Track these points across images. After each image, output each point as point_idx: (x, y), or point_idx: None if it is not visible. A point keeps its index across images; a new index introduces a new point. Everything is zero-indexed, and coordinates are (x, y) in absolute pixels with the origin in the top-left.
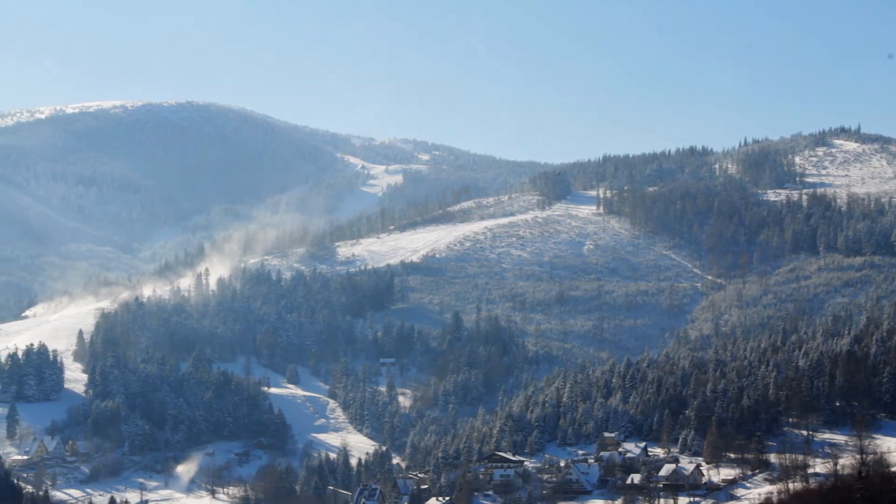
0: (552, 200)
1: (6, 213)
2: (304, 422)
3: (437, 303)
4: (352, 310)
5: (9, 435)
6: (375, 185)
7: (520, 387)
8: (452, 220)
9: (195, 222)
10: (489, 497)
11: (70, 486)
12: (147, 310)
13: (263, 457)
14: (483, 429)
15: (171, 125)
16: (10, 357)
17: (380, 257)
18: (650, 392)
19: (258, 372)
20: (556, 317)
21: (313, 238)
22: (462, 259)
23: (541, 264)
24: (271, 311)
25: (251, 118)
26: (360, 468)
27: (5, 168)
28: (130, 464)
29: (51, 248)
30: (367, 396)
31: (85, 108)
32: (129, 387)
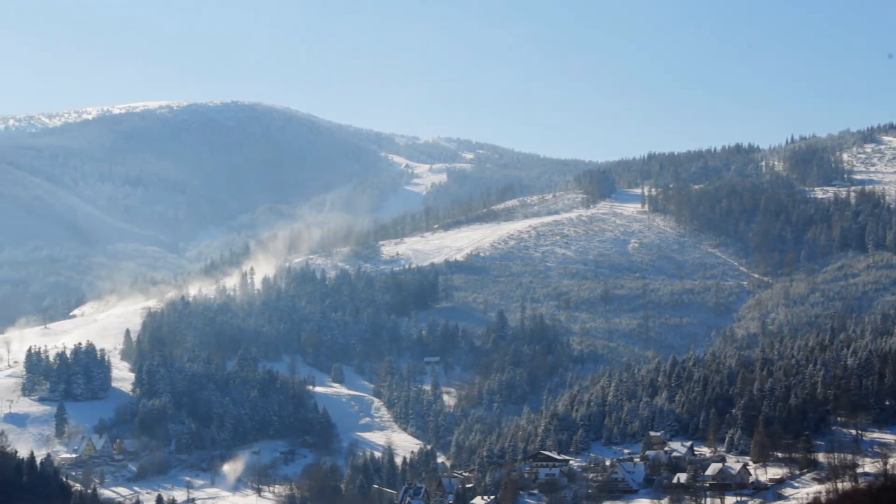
0: (597, 198)
1: (54, 214)
2: (349, 421)
3: (481, 301)
4: (396, 309)
5: (57, 433)
6: (419, 184)
7: (565, 386)
8: (497, 219)
9: (240, 222)
10: (534, 496)
11: (118, 485)
12: (193, 309)
13: (309, 455)
14: (528, 428)
15: (216, 125)
16: (59, 356)
17: (424, 256)
18: (696, 391)
19: (303, 371)
20: (601, 315)
21: (358, 237)
22: (506, 258)
23: (585, 263)
24: (316, 310)
25: (296, 118)
26: (405, 467)
27: (53, 168)
28: (177, 462)
29: (98, 247)
30: (412, 395)
31: (131, 108)
32: (176, 386)
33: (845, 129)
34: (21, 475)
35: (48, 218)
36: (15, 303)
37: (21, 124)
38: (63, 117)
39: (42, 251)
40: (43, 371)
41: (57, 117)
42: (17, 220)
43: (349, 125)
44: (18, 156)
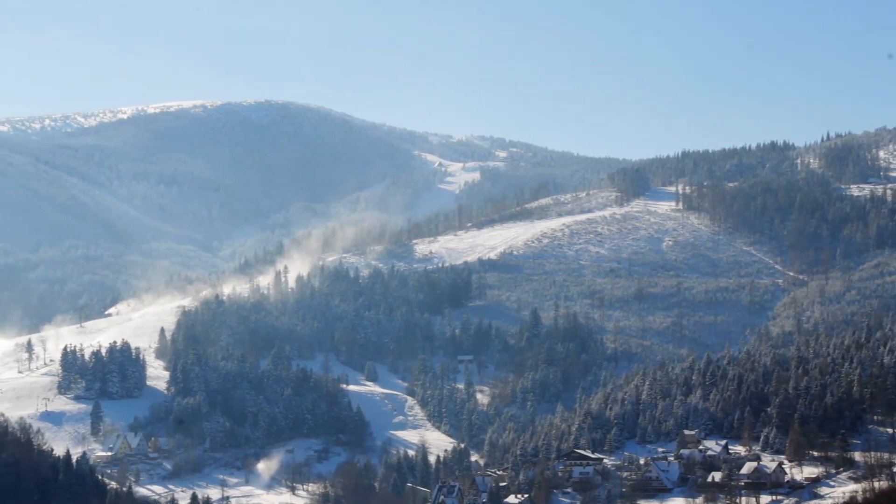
0: (630, 197)
1: (90, 213)
2: (382, 419)
3: (514, 300)
4: (430, 307)
5: (93, 432)
6: (453, 183)
7: (598, 384)
8: (530, 217)
9: (274, 220)
10: (568, 495)
11: (153, 483)
12: (227, 308)
13: (342, 454)
14: (561, 426)
15: (250, 124)
16: (94, 355)
17: (457, 255)
18: (731, 389)
19: (337, 369)
20: (634, 314)
21: (391, 236)
22: (540, 256)
23: (619, 261)
24: (349, 308)
25: (329, 116)
26: (439, 465)
27: (89, 168)
28: (211, 460)
29: (133, 246)
30: (446, 394)
31: (166, 108)
32: (210, 384)
33: (881, 127)
34: (57, 473)
35: (84, 217)
36: (51, 301)
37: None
38: (98, 117)
39: (78, 250)
40: (79, 369)
41: (92, 117)
42: (54, 219)
43: (383, 124)
44: (55, 155)
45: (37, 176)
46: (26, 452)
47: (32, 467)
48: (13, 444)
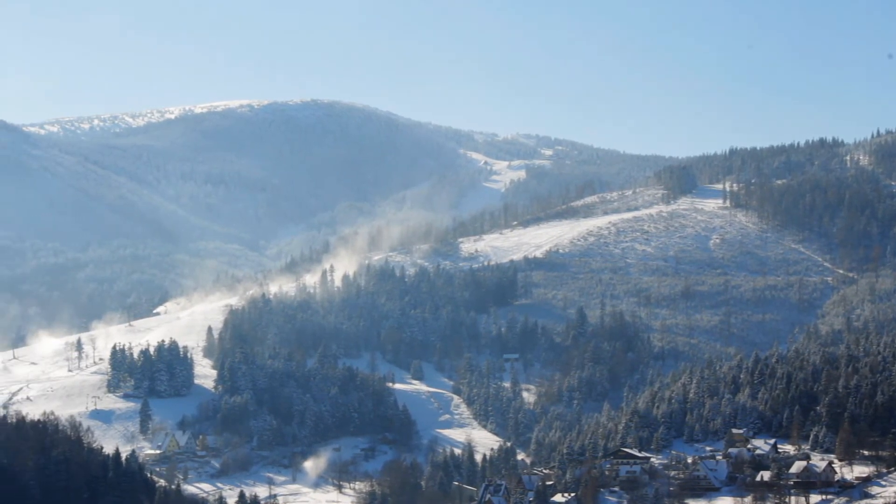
0: (677, 194)
1: (138, 212)
2: (428, 417)
3: (560, 298)
4: (475, 306)
5: (142, 430)
6: (498, 181)
7: (645, 383)
8: (576, 216)
9: (320, 219)
10: (615, 493)
11: (201, 481)
12: (274, 306)
13: (389, 452)
14: (608, 425)
15: (296, 123)
16: (143, 353)
17: (503, 253)
18: (779, 388)
19: (383, 368)
20: (681, 312)
21: (437, 234)
22: (586, 254)
23: (666, 259)
24: (395, 307)
25: (375, 115)
26: (485, 464)
27: (137, 167)
28: (259, 458)
29: (181, 245)
30: (492, 392)
31: (213, 107)
32: (257, 382)
33: None
34: (107, 471)
35: (132, 216)
36: (100, 300)
37: (106, 124)
38: (146, 117)
39: (126, 249)
40: (127, 368)
41: (140, 117)
42: (103, 218)
43: (428, 122)
44: (103, 155)
45: (86, 176)
46: (76, 450)
47: (82, 465)
48: (64, 443)
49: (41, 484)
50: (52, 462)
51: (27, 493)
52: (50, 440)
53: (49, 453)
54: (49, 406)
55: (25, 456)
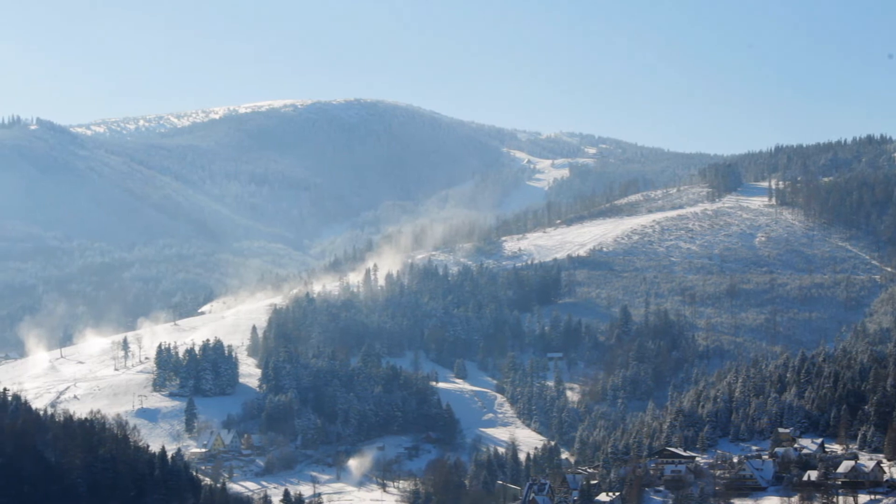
0: (722, 192)
1: (183, 212)
2: (472, 416)
3: (604, 297)
4: (519, 304)
5: (187, 428)
6: (542, 180)
7: (690, 381)
8: (620, 214)
9: (364, 218)
10: (660, 493)
11: (246, 479)
12: (318, 305)
13: (432, 451)
14: (653, 424)
15: (340, 123)
16: (188, 353)
17: (546, 251)
18: (826, 387)
19: (426, 367)
20: (726, 310)
21: (480, 233)
22: (630, 253)
23: (711, 257)
24: (439, 306)
25: (418, 114)
26: (529, 463)
27: (182, 167)
28: (303, 457)
29: (225, 245)
30: (535, 391)
31: (257, 107)
32: (301, 381)
33: None
34: (153, 469)
35: (177, 216)
36: (146, 300)
37: (151, 125)
38: (191, 117)
39: (172, 249)
40: (173, 367)
41: (185, 117)
42: (148, 218)
43: (471, 121)
44: (149, 155)
45: (132, 176)
46: (123, 449)
47: (129, 463)
48: (110, 441)
49: (88, 482)
50: (99, 460)
51: (75, 491)
52: (97, 439)
53: (96, 452)
54: (96, 405)
55: (73, 454)
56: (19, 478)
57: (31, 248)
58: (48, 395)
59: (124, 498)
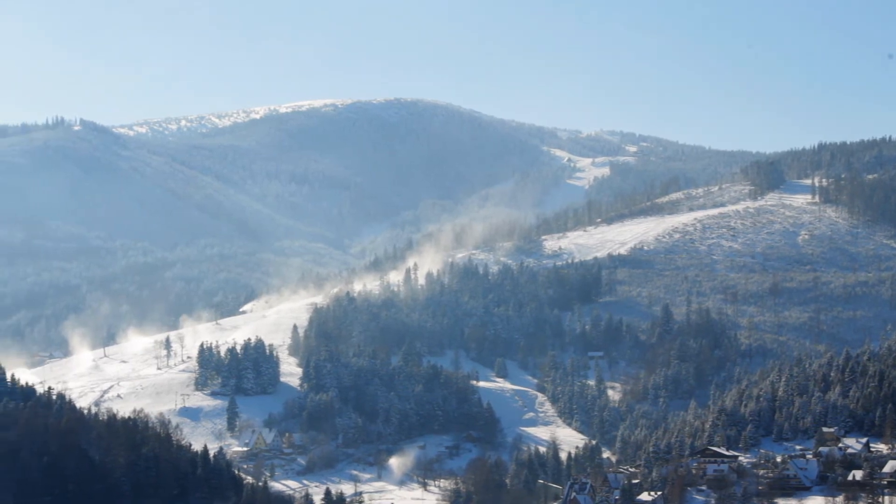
0: (764, 190)
1: (224, 212)
2: (512, 415)
3: (645, 295)
4: (559, 303)
5: (229, 427)
6: (582, 178)
7: (732, 380)
8: (661, 212)
9: (404, 217)
10: (702, 492)
11: (287, 478)
12: (358, 304)
13: (473, 450)
14: (695, 423)
15: (380, 122)
16: (230, 352)
17: (587, 250)
18: (871, 386)
19: (467, 366)
20: (769, 309)
21: (520, 232)
22: (671, 251)
23: (753, 255)
24: (479, 304)
25: (458, 113)
26: (570, 462)
27: (223, 167)
28: (344, 456)
29: (266, 244)
30: (576, 390)
31: (297, 107)
32: (342, 380)
33: None
34: (196, 468)
35: (219, 216)
36: (188, 299)
37: (193, 125)
38: (232, 117)
39: (213, 248)
40: (214, 366)
41: (226, 117)
42: (190, 218)
43: (511, 120)
44: (190, 155)
45: (173, 176)
46: (166, 447)
47: (172, 462)
48: (153, 440)
49: (132, 481)
50: (142, 459)
51: (118, 489)
52: (140, 437)
53: (139, 450)
54: (139, 403)
55: (117, 453)
56: (64, 476)
57: (74, 248)
58: (92, 394)
59: (167, 496)
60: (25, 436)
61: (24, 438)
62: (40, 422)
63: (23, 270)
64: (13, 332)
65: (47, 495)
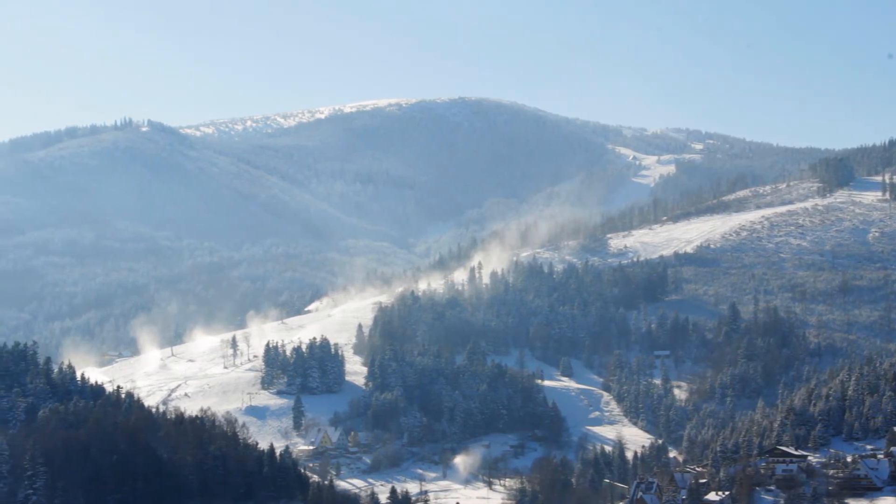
0: (833, 187)
1: (290, 212)
2: (578, 414)
3: (712, 294)
4: (624, 302)
5: (295, 426)
6: (647, 176)
7: (801, 379)
8: (727, 210)
9: (468, 216)
10: (771, 492)
11: (353, 476)
12: (423, 303)
13: (538, 449)
14: (763, 422)
15: (444, 121)
16: (295, 351)
17: (652, 248)
18: None
19: (531, 364)
20: (838, 307)
21: (585, 230)
22: (738, 249)
23: (822, 253)
24: (544, 303)
25: (522, 112)
26: (636, 461)
27: (288, 167)
28: (409, 455)
29: (331, 244)
30: (642, 389)
31: (362, 107)
32: (407, 379)
33: None
34: (262, 466)
35: (284, 216)
36: (254, 298)
37: (258, 125)
38: (297, 117)
39: (278, 248)
40: (280, 365)
41: (291, 117)
42: (256, 218)
43: (576, 118)
44: (256, 156)
45: (239, 176)
46: (233, 446)
47: (238, 460)
48: (220, 438)
49: (199, 479)
50: (209, 457)
51: (186, 487)
52: (207, 436)
53: (207, 449)
54: (206, 402)
55: (184, 451)
56: (133, 474)
57: (142, 248)
58: (160, 393)
59: (234, 494)
60: (95, 434)
61: (93, 437)
62: (110, 420)
63: (92, 270)
64: (83, 331)
65: (116, 493)
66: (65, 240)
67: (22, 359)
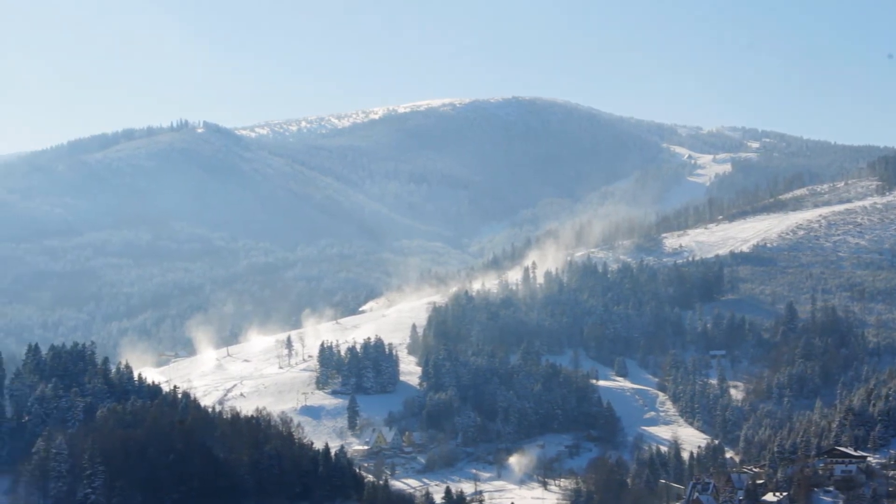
0: (893, 185)
1: (344, 212)
2: (633, 414)
3: (768, 293)
4: (679, 301)
5: (350, 426)
6: (703, 175)
7: (860, 379)
8: (784, 209)
9: (522, 216)
10: (829, 493)
11: (407, 476)
12: (477, 303)
13: (593, 449)
14: (821, 423)
15: (497, 121)
16: (350, 351)
17: (708, 248)
18: None
19: (586, 364)
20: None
21: (639, 230)
22: (795, 248)
23: (881, 252)
24: (598, 303)
25: (576, 111)
26: (692, 462)
27: (343, 167)
28: (463, 455)
29: (385, 244)
30: (698, 389)
31: (415, 107)
32: (461, 379)
33: None
34: (317, 466)
35: (338, 216)
36: (308, 298)
37: (312, 126)
38: (351, 118)
39: (333, 248)
40: (335, 365)
41: (345, 118)
42: (310, 218)
43: (630, 117)
44: (310, 156)
45: (294, 177)
46: (288, 446)
47: (294, 460)
48: (276, 438)
49: (255, 478)
50: (265, 457)
51: (242, 487)
52: (263, 436)
53: (262, 449)
54: (261, 402)
55: (240, 451)
56: (189, 473)
57: (198, 249)
58: (216, 393)
59: (290, 494)
60: (152, 434)
61: (150, 436)
62: (166, 420)
63: (149, 271)
64: (140, 331)
65: (173, 492)
66: (122, 241)
67: (80, 359)
